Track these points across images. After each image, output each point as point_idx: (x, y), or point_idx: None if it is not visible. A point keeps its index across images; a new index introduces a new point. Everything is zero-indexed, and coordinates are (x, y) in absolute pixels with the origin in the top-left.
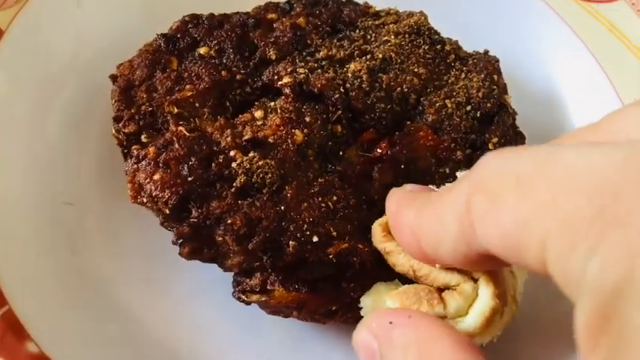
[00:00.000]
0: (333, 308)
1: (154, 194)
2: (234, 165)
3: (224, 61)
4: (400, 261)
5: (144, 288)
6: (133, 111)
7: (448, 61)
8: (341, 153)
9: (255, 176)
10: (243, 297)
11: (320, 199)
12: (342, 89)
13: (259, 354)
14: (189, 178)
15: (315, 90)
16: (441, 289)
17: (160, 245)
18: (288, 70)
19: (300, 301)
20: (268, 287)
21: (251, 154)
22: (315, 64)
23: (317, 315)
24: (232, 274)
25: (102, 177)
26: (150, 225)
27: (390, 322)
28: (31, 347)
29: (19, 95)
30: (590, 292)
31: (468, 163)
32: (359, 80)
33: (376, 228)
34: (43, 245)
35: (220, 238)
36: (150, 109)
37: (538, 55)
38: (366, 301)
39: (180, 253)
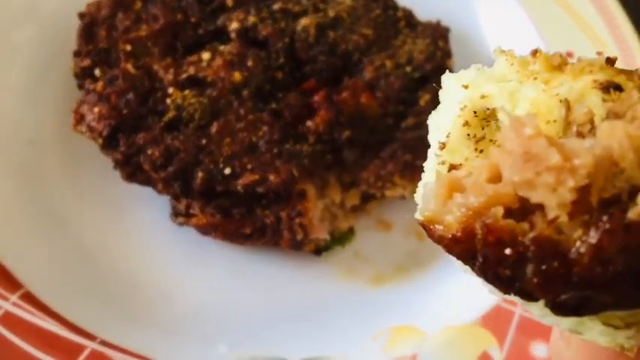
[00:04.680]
0: (247, 232)
1: (91, 125)
2: (168, 101)
3: (182, 4)
4: None
5: (99, 217)
6: (90, 47)
7: (399, 26)
8: (280, 95)
9: (185, 112)
10: (175, 218)
11: (245, 134)
12: (287, 40)
13: (204, 280)
14: (124, 111)
15: (260, 37)
16: None
17: (116, 180)
18: (240, 17)
19: (214, 224)
20: (191, 211)
21: (186, 92)
22: (268, 15)
23: (233, 237)
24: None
25: (63, 118)
26: (106, 160)
27: None
28: None
29: None
30: None
31: (400, 118)
32: (306, 33)
33: None
34: (7, 177)
35: (145, 166)
36: (106, 46)
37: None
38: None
39: (121, 177)
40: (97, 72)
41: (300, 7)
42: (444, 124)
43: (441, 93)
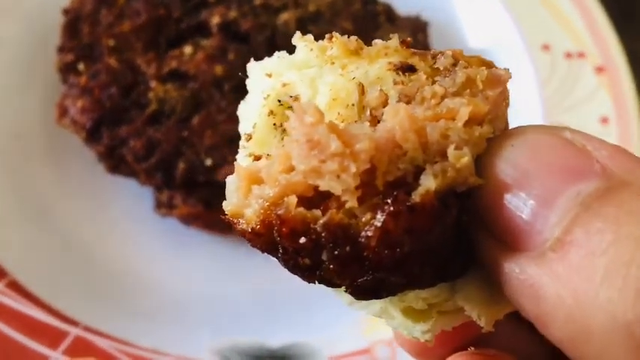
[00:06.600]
0: (229, 222)
1: (75, 118)
2: (150, 94)
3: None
4: None
5: (84, 208)
6: (74, 42)
7: (379, 20)
8: None
9: (167, 105)
10: (158, 209)
11: (226, 126)
12: (268, 34)
13: (187, 268)
14: (107, 105)
15: (242, 31)
16: None
17: (100, 172)
18: (222, 12)
19: (197, 215)
20: (173, 202)
21: (168, 85)
22: (249, 10)
23: (215, 227)
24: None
25: (48, 112)
26: (91, 153)
27: None
28: None
29: None
30: None
31: None
32: (287, 28)
33: None
34: None
35: (128, 158)
36: (90, 41)
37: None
38: None
39: (105, 169)
40: (80, 66)
41: (281, 2)
42: (250, 115)
43: (247, 82)
